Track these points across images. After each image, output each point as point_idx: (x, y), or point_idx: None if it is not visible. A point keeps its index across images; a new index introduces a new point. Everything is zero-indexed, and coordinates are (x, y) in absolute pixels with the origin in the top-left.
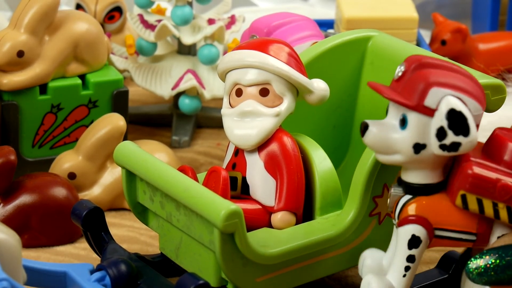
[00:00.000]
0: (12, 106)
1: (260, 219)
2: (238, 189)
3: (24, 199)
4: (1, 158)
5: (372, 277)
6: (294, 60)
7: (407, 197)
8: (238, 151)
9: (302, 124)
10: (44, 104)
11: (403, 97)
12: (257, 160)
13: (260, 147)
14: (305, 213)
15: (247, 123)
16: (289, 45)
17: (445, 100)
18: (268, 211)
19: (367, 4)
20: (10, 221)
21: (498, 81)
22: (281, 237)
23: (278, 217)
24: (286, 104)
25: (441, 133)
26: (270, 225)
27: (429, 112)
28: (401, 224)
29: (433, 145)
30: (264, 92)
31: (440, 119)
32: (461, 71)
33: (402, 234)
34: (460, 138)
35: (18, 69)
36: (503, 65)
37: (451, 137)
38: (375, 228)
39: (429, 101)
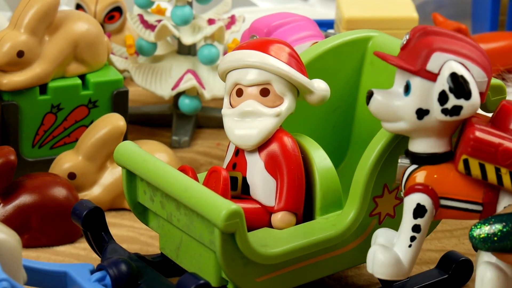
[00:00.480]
0: (12, 106)
1: (260, 219)
2: (239, 189)
3: (24, 199)
4: (1, 158)
5: (378, 247)
6: (294, 60)
7: (413, 167)
8: (238, 151)
9: (302, 124)
10: (44, 104)
11: (406, 63)
12: (258, 160)
13: (260, 147)
14: (305, 213)
15: (248, 123)
16: (290, 45)
17: (447, 64)
18: (268, 211)
19: (367, 4)
20: (10, 221)
21: (498, 81)
22: (282, 237)
23: (278, 217)
24: (287, 104)
25: (442, 97)
26: (270, 225)
27: (432, 77)
28: (406, 193)
29: (436, 110)
30: (264, 92)
31: (442, 83)
32: (466, 40)
33: (407, 204)
34: (461, 102)
35: (18, 69)
36: (503, 65)
37: (452, 101)
38: (375, 228)
39: (431, 66)
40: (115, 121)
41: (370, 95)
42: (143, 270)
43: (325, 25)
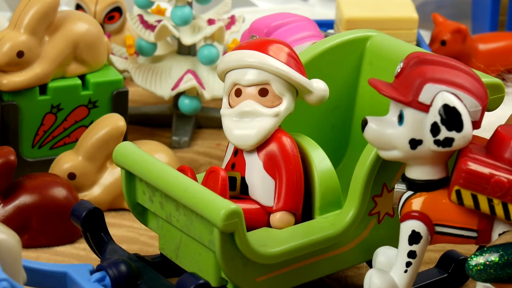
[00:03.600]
0: (12, 106)
1: (259, 219)
2: (237, 189)
3: (24, 199)
4: (1, 159)
5: (374, 271)
6: (293, 60)
7: (410, 192)
8: (237, 151)
9: (301, 124)
10: (44, 105)
11: (399, 93)
12: (256, 160)
13: (259, 147)
14: (304, 213)
15: (246, 123)
16: (289, 45)
17: (439, 96)
18: (267, 211)
19: (367, 5)
20: (10, 221)
21: (496, 80)
22: (281, 237)
23: (277, 217)
24: (285, 104)
25: (435, 129)
26: (269, 225)
27: (424, 108)
28: (402, 219)
29: (428, 141)
30: (263, 92)
31: (434, 115)
32: (461, 68)
33: (403, 230)
34: (453, 134)
35: (18, 70)
36: (503, 65)
37: (444, 133)
38: (374, 227)
39: (423, 97)
40: (115, 122)
41: (365, 122)
42: (143, 270)
43: (325, 25)
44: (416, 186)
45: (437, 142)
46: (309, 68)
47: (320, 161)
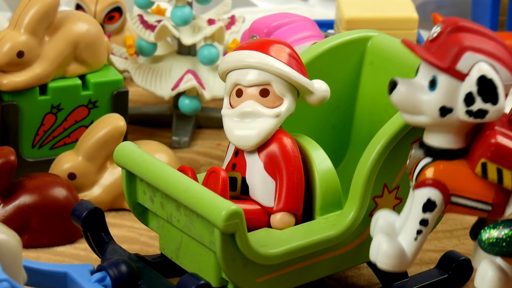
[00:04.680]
0: (12, 106)
1: (259, 219)
2: (238, 189)
3: (24, 199)
4: (1, 159)
5: (383, 237)
6: (294, 60)
7: (427, 160)
8: (238, 152)
9: (301, 124)
10: (44, 105)
11: (436, 58)
12: (257, 160)
13: (260, 148)
14: (305, 213)
15: (247, 124)
16: (290, 45)
17: (478, 66)
18: (268, 212)
19: (367, 5)
20: (10, 221)
21: None
22: (282, 237)
23: (277, 218)
24: (286, 105)
25: (469, 99)
26: (269, 226)
27: (460, 76)
28: (418, 186)
29: (460, 110)
30: (264, 93)
31: (470, 85)
32: (497, 39)
33: (417, 197)
34: (487, 106)
35: (18, 70)
36: None
37: (479, 104)
38: None
39: (461, 65)
40: (115, 122)
41: (393, 84)
42: (143, 270)
43: (325, 25)
44: (436, 154)
45: (469, 113)
46: (309, 68)
47: (320, 161)
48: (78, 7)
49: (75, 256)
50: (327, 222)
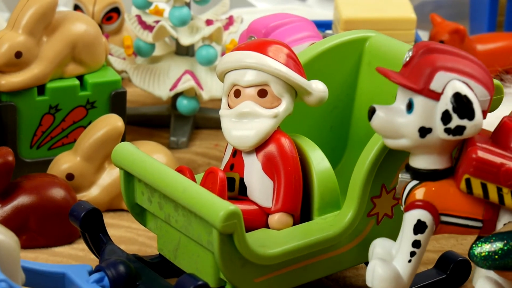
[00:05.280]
0: (10, 107)
1: (257, 220)
2: (236, 190)
3: (22, 200)
4: None
5: (377, 261)
6: (292, 61)
7: (414, 182)
8: (236, 152)
9: (299, 124)
10: (42, 105)
11: (409, 81)
12: (255, 161)
13: (258, 148)
14: (303, 214)
15: (245, 124)
16: (288, 46)
17: (451, 84)
18: (265, 212)
19: (365, 5)
20: (8, 222)
21: (495, 81)
22: (280, 238)
23: (275, 219)
24: (284, 105)
25: (446, 117)
26: (267, 226)
27: (435, 96)
28: (407, 209)
29: (438, 129)
30: (262, 93)
31: (445, 103)
32: (469, 58)
33: (407, 219)
34: (464, 122)
35: (16, 70)
36: (501, 66)
37: (455, 121)
38: (373, 228)
39: (435, 85)
40: (113, 122)
41: (372, 111)
42: (141, 271)
43: (323, 25)
44: (422, 176)
45: (447, 131)
46: (307, 68)
47: (318, 161)
48: (76, 7)
49: (73, 257)
50: (325, 223)
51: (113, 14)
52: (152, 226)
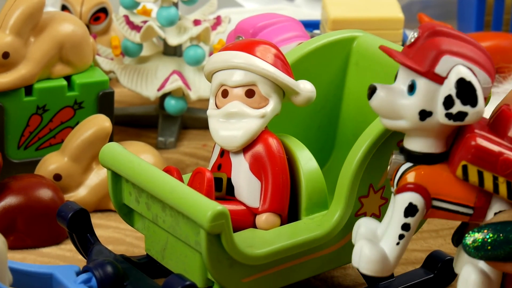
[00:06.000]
0: None
1: (245, 220)
2: (223, 190)
3: (9, 200)
4: None
5: (364, 242)
6: (280, 61)
7: (408, 165)
8: (223, 152)
9: (287, 124)
10: (30, 106)
11: (414, 62)
12: (242, 161)
13: (245, 149)
14: (291, 214)
15: (233, 124)
16: (276, 46)
17: (456, 69)
18: (253, 212)
19: (353, 5)
20: None
21: None
22: (267, 238)
23: (262, 219)
24: (272, 106)
25: (448, 102)
26: (254, 226)
27: (439, 80)
28: (399, 191)
29: (439, 113)
30: (250, 93)
31: (449, 88)
32: (474, 43)
33: (399, 202)
34: (467, 108)
35: (3, 71)
36: None
37: (458, 106)
38: None
39: (439, 69)
40: (101, 122)
41: (372, 90)
42: (129, 271)
43: (311, 25)
44: (416, 158)
45: (448, 116)
46: (295, 68)
47: (306, 161)
48: (64, 8)
49: (61, 257)
50: (313, 223)
51: (100, 14)
52: (139, 227)
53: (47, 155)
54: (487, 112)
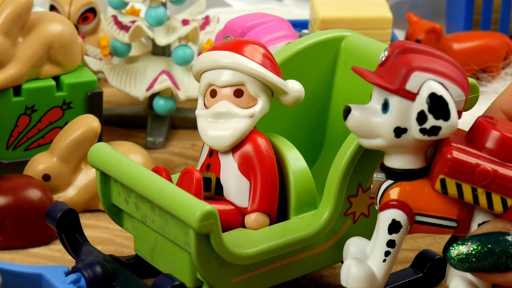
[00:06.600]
0: None
1: (234, 220)
2: (212, 190)
3: None
4: None
5: (352, 261)
6: (268, 61)
7: (389, 182)
8: (212, 152)
9: (276, 124)
10: (18, 106)
11: (385, 81)
12: (231, 161)
13: (234, 148)
14: (280, 213)
15: (221, 124)
16: (264, 46)
17: (427, 84)
18: (242, 212)
19: (341, 5)
20: None
21: (471, 80)
22: (256, 237)
23: (251, 218)
24: (261, 105)
25: (421, 117)
26: (243, 226)
27: (411, 96)
28: (382, 208)
29: (414, 129)
30: (238, 93)
31: (421, 103)
32: (445, 58)
33: (382, 219)
34: (440, 122)
35: None
36: (477, 64)
37: (431, 121)
38: (350, 227)
39: (410, 85)
40: (89, 123)
41: (347, 111)
42: (118, 271)
43: (300, 25)
44: (397, 175)
45: (423, 131)
46: (283, 68)
47: (295, 161)
48: (52, 8)
49: (50, 258)
50: (302, 222)
51: (89, 14)
52: (128, 227)
53: (36, 155)
54: (477, 112)
